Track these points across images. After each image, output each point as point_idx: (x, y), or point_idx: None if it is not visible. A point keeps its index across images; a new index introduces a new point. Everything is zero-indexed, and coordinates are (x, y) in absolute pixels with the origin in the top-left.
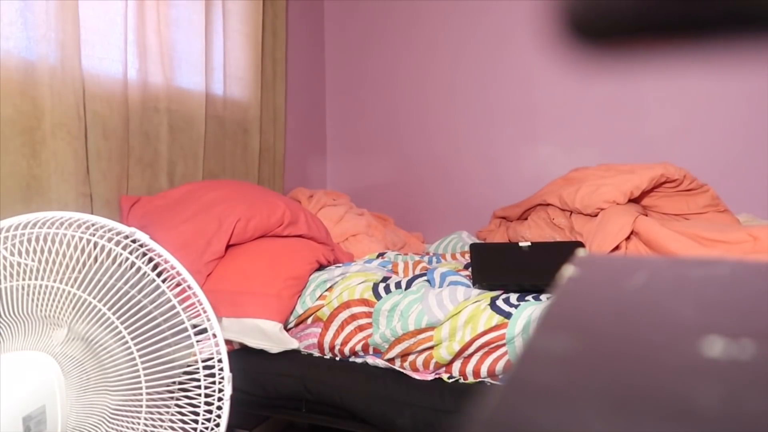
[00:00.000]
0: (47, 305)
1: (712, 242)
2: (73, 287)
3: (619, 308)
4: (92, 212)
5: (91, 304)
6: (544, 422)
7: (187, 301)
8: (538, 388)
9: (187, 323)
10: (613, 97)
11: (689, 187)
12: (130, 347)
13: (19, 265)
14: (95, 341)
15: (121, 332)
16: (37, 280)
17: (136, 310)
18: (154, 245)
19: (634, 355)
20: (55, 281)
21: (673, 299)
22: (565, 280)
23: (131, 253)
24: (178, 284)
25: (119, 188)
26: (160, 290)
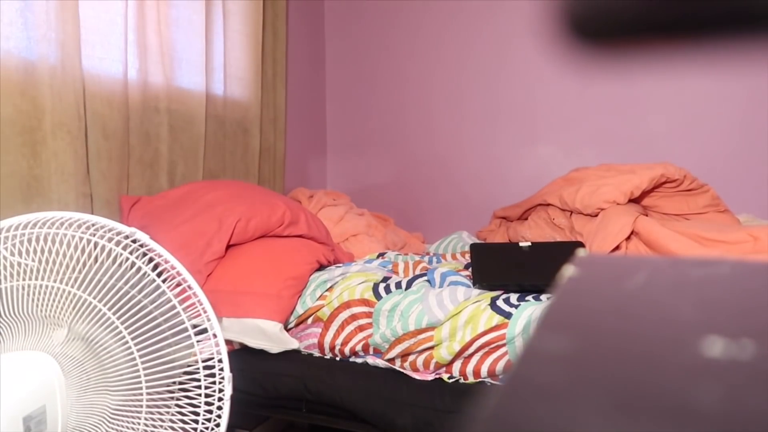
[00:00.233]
0: (47, 305)
1: (712, 242)
2: (73, 287)
3: (619, 308)
4: (92, 212)
5: (91, 304)
6: (544, 422)
7: (187, 301)
8: (538, 388)
9: (187, 323)
10: (613, 97)
11: (689, 187)
12: (130, 347)
13: (19, 265)
14: (95, 341)
15: (121, 332)
16: (37, 280)
17: (136, 310)
18: (154, 245)
19: (634, 355)
20: (55, 281)
21: (673, 299)
22: (565, 280)
23: (131, 253)
24: (178, 284)
25: (119, 188)
26: (160, 290)
